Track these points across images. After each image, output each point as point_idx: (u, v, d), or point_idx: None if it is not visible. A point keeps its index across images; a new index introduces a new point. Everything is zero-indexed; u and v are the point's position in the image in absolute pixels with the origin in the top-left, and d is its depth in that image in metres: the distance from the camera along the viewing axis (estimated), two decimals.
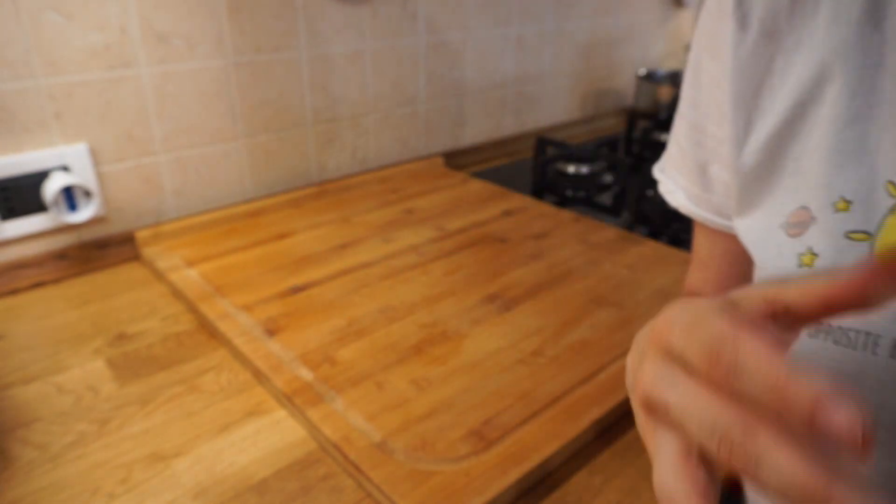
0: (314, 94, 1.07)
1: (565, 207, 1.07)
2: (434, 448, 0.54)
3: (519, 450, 0.54)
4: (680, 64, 1.81)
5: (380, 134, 1.19)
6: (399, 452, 0.54)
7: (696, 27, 0.44)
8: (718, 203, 0.46)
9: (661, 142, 1.45)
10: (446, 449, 0.54)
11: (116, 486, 0.53)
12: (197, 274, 0.82)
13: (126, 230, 0.91)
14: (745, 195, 0.41)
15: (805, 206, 0.37)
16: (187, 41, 0.90)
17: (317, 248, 0.90)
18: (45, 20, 0.78)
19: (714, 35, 0.41)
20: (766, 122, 0.39)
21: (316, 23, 1.03)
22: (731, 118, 0.41)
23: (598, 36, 1.55)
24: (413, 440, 0.55)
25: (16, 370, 0.66)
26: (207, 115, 0.95)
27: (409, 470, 0.52)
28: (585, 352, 0.67)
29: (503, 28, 1.32)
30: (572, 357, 0.67)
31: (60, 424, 0.59)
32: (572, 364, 0.66)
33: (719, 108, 0.42)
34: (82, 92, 0.83)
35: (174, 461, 0.55)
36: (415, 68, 1.20)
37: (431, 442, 0.55)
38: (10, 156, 0.80)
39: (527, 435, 0.56)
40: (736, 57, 0.40)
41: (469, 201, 1.08)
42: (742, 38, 0.39)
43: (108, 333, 0.73)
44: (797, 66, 0.37)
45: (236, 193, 1.03)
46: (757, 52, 0.39)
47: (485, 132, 1.39)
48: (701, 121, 0.45)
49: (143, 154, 0.91)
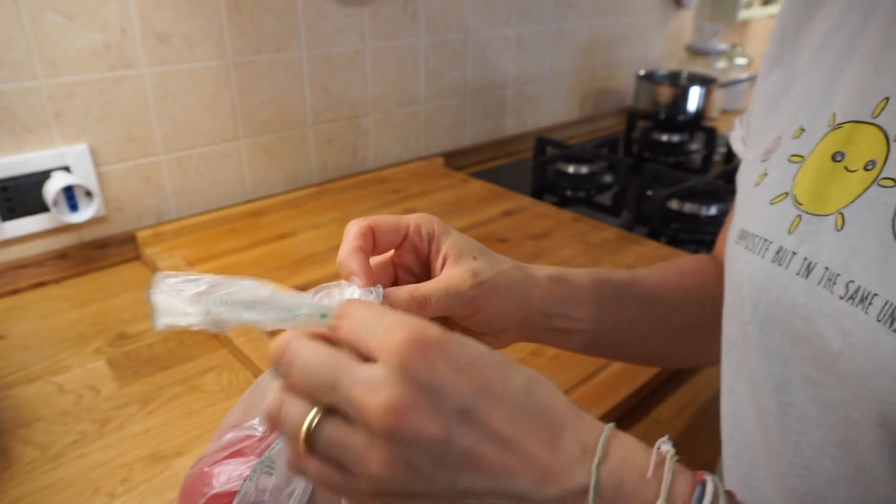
0: (314, 94, 1.07)
1: (565, 207, 1.07)
2: None
3: None
4: (680, 64, 1.81)
5: (380, 134, 1.19)
6: None
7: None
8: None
9: (661, 142, 1.45)
10: None
11: (117, 486, 0.53)
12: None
13: (127, 230, 0.92)
14: (753, 129, 0.46)
15: (779, 136, 0.42)
16: (187, 41, 0.90)
17: (317, 248, 0.90)
18: (46, 20, 0.78)
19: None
20: (795, 57, 0.44)
21: (316, 23, 1.03)
22: (771, 46, 0.46)
23: (598, 36, 1.55)
24: None
25: (17, 370, 0.67)
26: (208, 115, 0.95)
27: None
28: None
29: (503, 28, 1.32)
30: (572, 357, 0.67)
31: (61, 424, 0.59)
32: (572, 364, 0.66)
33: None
34: (83, 92, 0.83)
35: (175, 461, 0.55)
36: (415, 68, 1.20)
37: None
38: (10, 156, 0.80)
39: None
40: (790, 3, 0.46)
41: (469, 201, 1.08)
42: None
43: (108, 333, 0.73)
44: (833, 11, 0.42)
45: (237, 193, 1.03)
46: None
47: (485, 132, 1.39)
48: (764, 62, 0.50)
49: (143, 154, 0.91)
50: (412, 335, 0.27)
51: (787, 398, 0.37)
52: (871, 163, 0.34)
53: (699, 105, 1.44)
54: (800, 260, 0.36)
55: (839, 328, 0.33)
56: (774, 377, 0.37)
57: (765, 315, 0.38)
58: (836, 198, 0.35)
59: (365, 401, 0.26)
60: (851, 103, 0.37)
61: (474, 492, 0.27)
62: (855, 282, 0.32)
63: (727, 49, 1.78)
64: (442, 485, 0.27)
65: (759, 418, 0.39)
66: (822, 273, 0.34)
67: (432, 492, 0.27)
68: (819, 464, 0.36)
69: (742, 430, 0.42)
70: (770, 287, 0.37)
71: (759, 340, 0.38)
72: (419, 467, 0.26)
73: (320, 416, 0.28)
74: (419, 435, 0.26)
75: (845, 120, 0.37)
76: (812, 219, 0.36)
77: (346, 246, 0.36)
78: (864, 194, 0.34)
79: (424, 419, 0.26)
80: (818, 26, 0.43)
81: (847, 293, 0.32)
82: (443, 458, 0.26)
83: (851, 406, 0.33)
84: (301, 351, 0.29)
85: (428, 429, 0.26)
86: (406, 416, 0.26)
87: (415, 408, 0.26)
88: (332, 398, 0.27)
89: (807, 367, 0.36)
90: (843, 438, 0.34)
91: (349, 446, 0.27)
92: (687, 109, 1.44)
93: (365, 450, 0.27)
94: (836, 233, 0.34)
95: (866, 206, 0.33)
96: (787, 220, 0.37)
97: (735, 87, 1.74)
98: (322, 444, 0.28)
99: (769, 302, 0.37)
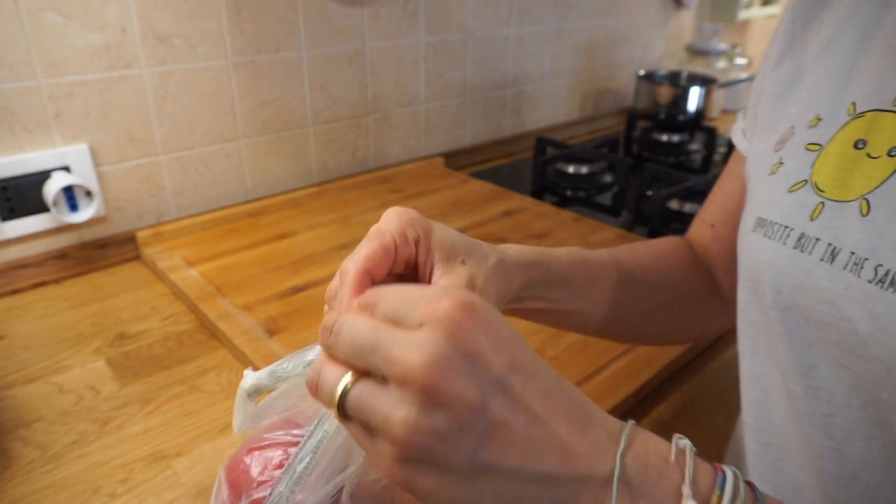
0: (314, 94, 1.07)
1: (565, 207, 1.07)
2: None
3: None
4: (680, 64, 1.81)
5: (380, 134, 1.19)
6: None
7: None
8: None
9: (660, 142, 1.45)
10: None
11: (117, 486, 0.53)
12: (197, 274, 0.82)
13: (127, 230, 0.92)
14: (761, 119, 0.47)
15: (792, 126, 0.43)
16: (187, 41, 0.90)
17: (317, 248, 0.90)
18: (46, 20, 0.78)
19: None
20: (805, 48, 0.45)
21: (316, 23, 1.03)
22: (780, 38, 0.47)
23: (598, 36, 1.55)
24: None
25: (16, 370, 0.67)
26: (208, 115, 0.95)
27: None
28: (585, 352, 0.67)
29: (503, 28, 1.32)
30: (572, 357, 0.67)
31: (61, 424, 0.59)
32: (572, 364, 0.66)
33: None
34: (83, 92, 0.83)
35: (175, 461, 0.55)
36: (415, 68, 1.20)
37: None
38: (10, 156, 0.80)
39: None
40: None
41: (469, 201, 1.08)
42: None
43: (108, 333, 0.73)
44: (845, 3, 0.42)
45: (237, 193, 1.03)
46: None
47: (485, 132, 1.39)
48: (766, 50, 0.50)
49: (143, 154, 0.91)
50: (461, 301, 0.27)
51: (814, 381, 0.38)
52: (894, 149, 0.35)
53: (699, 105, 1.44)
54: (823, 246, 0.36)
55: (867, 311, 0.33)
56: (800, 361, 0.38)
57: (787, 301, 0.39)
58: (859, 184, 0.36)
59: (404, 357, 0.26)
60: (871, 92, 0.38)
61: (496, 468, 0.26)
62: (884, 265, 0.33)
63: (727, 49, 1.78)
64: (464, 455, 0.26)
65: (788, 403, 0.40)
66: (848, 258, 0.35)
67: (452, 463, 0.26)
68: (850, 445, 0.36)
69: (772, 415, 0.42)
70: (793, 273, 0.38)
71: (783, 326, 0.39)
72: (444, 433, 0.26)
73: (354, 378, 0.28)
74: (453, 397, 0.26)
75: (866, 109, 0.37)
76: (835, 205, 0.37)
77: (345, 300, 0.33)
78: (889, 179, 0.34)
79: (461, 382, 0.26)
80: (829, 18, 0.43)
81: (876, 276, 0.33)
82: (471, 425, 0.26)
83: (882, 387, 0.33)
84: (348, 320, 0.29)
85: (463, 392, 0.26)
86: (444, 375, 0.26)
87: (454, 369, 0.26)
88: (372, 359, 0.27)
89: (833, 350, 0.36)
90: (875, 419, 0.35)
91: (377, 405, 0.27)
92: (687, 109, 1.44)
93: (392, 407, 0.26)
94: (861, 218, 0.35)
95: (891, 191, 0.34)
96: (809, 207, 0.38)
97: (735, 87, 1.74)
98: (352, 406, 0.28)
99: (792, 288, 0.38)
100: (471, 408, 0.26)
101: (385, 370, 0.27)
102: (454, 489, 0.27)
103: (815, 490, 0.39)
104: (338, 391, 0.28)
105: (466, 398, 0.26)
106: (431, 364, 0.26)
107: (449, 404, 0.26)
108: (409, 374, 0.26)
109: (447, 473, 0.27)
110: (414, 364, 0.26)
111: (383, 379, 0.27)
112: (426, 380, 0.25)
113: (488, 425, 0.26)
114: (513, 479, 0.27)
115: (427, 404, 0.26)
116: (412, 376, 0.26)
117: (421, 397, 0.26)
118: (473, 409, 0.26)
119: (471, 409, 0.26)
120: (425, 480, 0.27)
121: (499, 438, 0.26)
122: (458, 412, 0.26)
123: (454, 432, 0.26)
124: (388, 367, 0.27)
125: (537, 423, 0.27)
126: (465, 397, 0.26)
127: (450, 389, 0.26)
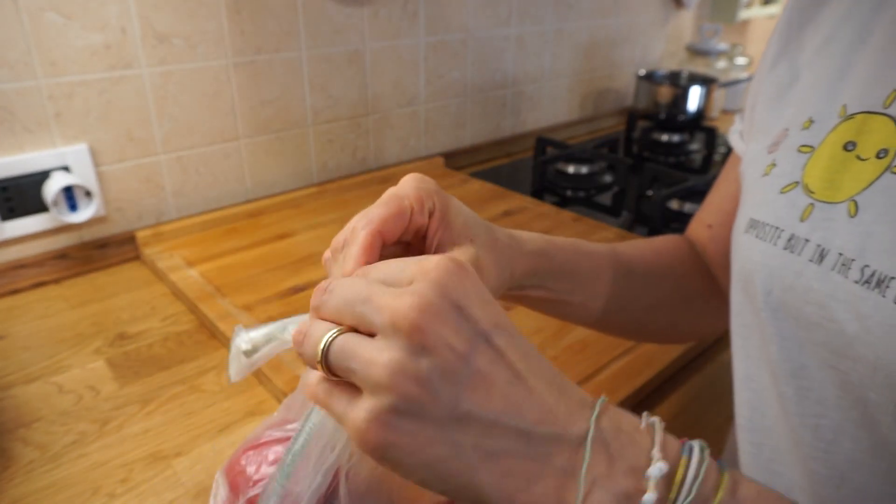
0: (314, 94, 1.07)
1: (565, 207, 1.07)
2: None
3: None
4: (680, 64, 1.81)
5: (380, 134, 1.19)
6: None
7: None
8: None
9: (660, 142, 1.45)
10: None
11: (117, 486, 0.53)
12: (197, 274, 0.82)
13: (126, 230, 0.92)
14: (757, 121, 0.48)
15: (786, 128, 0.43)
16: (187, 41, 0.90)
17: (317, 248, 0.90)
18: (46, 20, 0.78)
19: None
20: (801, 49, 0.45)
21: (316, 23, 1.03)
22: (776, 40, 0.47)
23: (598, 36, 1.55)
24: None
25: (16, 370, 0.67)
26: (208, 115, 0.95)
27: None
28: (585, 352, 0.67)
29: (503, 28, 1.32)
30: (572, 357, 0.67)
31: (61, 424, 0.59)
32: (572, 364, 0.66)
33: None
34: (83, 92, 0.83)
35: (175, 461, 0.55)
36: (415, 68, 1.20)
37: None
38: (10, 156, 0.80)
39: None
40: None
41: (469, 201, 1.08)
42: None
43: (108, 333, 0.73)
44: (841, 5, 0.43)
45: (237, 193, 1.03)
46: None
47: (485, 132, 1.39)
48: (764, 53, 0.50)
49: (143, 154, 0.91)
50: (449, 259, 0.28)
51: (804, 382, 0.38)
52: (883, 151, 0.35)
53: (699, 105, 1.44)
54: (812, 247, 0.37)
55: (854, 312, 0.33)
56: (791, 362, 0.38)
57: (777, 302, 0.39)
58: (848, 185, 0.36)
59: (394, 303, 0.27)
60: (862, 94, 0.38)
61: (475, 417, 0.27)
62: (870, 266, 0.33)
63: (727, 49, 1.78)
64: (445, 403, 0.26)
65: (779, 404, 0.40)
66: (836, 259, 0.35)
67: (432, 412, 0.26)
68: (839, 445, 0.36)
69: (764, 416, 0.42)
70: (783, 274, 0.38)
71: (774, 326, 0.39)
72: (428, 378, 0.26)
73: (339, 331, 0.28)
74: (439, 342, 0.26)
75: (857, 111, 0.38)
76: (824, 206, 0.37)
77: (350, 262, 0.33)
78: (877, 181, 0.34)
79: (449, 329, 0.26)
80: (825, 19, 0.44)
81: (862, 277, 0.33)
82: (455, 373, 0.26)
83: (869, 387, 0.33)
84: (342, 281, 0.30)
85: (451, 339, 0.26)
86: (432, 320, 0.26)
87: (442, 316, 0.26)
88: (361, 309, 0.28)
89: (822, 351, 0.36)
90: (863, 419, 0.35)
91: (361, 351, 0.27)
92: (687, 109, 1.44)
93: (377, 352, 0.26)
94: (849, 219, 0.35)
95: (879, 193, 0.34)
96: (799, 208, 0.38)
97: (735, 87, 1.74)
98: (335, 354, 0.28)
99: (782, 288, 0.38)
100: (456, 355, 0.26)
101: (374, 318, 0.27)
102: (432, 443, 0.27)
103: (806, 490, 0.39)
104: (322, 341, 0.28)
105: (452, 345, 0.26)
106: (421, 308, 0.26)
107: (434, 349, 0.26)
108: (397, 317, 0.26)
109: (426, 425, 0.26)
110: (403, 307, 0.26)
111: (370, 335, 0.28)
112: (415, 321, 0.26)
113: (472, 374, 0.27)
114: (491, 432, 0.27)
115: (413, 347, 0.26)
116: (400, 320, 0.26)
117: (407, 341, 0.26)
118: (458, 357, 0.26)
119: (456, 357, 0.26)
120: (403, 437, 0.26)
121: (481, 389, 0.27)
122: (444, 358, 0.26)
123: (437, 378, 0.26)
124: (378, 315, 0.27)
125: (518, 380, 0.28)
126: (451, 344, 0.26)
127: (437, 334, 0.26)
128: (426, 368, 0.26)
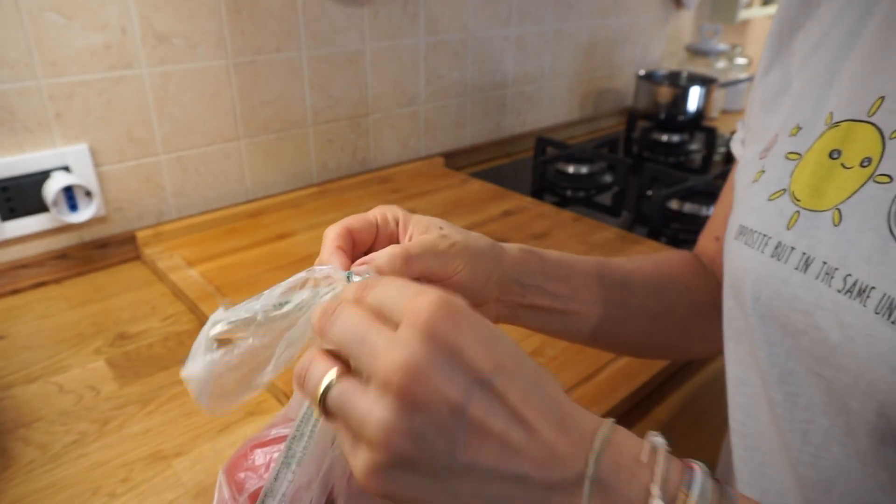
0: (314, 94, 1.07)
1: (565, 207, 1.07)
2: None
3: None
4: (680, 64, 1.81)
5: (380, 134, 1.19)
6: None
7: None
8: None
9: (660, 142, 1.45)
10: None
11: (117, 486, 0.53)
12: (197, 274, 0.82)
13: (127, 230, 0.92)
14: (752, 127, 0.48)
15: (776, 134, 0.43)
16: (187, 41, 0.90)
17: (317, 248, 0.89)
18: (46, 20, 0.78)
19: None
20: (792, 56, 0.45)
21: (316, 23, 1.03)
22: (769, 46, 0.47)
23: (598, 36, 1.55)
24: None
25: (17, 370, 0.67)
26: (208, 115, 0.95)
27: None
28: (585, 352, 0.67)
29: (503, 28, 1.32)
30: (572, 357, 0.67)
31: (61, 424, 0.59)
32: (572, 364, 0.66)
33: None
34: (83, 92, 0.83)
35: (175, 461, 0.55)
36: (415, 68, 1.20)
37: None
38: (10, 156, 0.80)
39: None
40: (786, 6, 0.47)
41: (469, 201, 1.08)
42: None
43: (108, 333, 0.73)
44: (829, 11, 0.43)
45: (237, 193, 1.03)
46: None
47: (485, 132, 1.39)
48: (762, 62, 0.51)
49: (143, 154, 0.91)
50: (440, 299, 0.27)
51: (792, 388, 0.38)
52: (866, 160, 0.35)
53: (699, 105, 1.44)
54: (798, 255, 0.37)
55: (837, 321, 0.33)
56: (779, 368, 0.38)
57: (765, 308, 0.39)
58: (832, 194, 0.36)
59: (382, 357, 0.26)
60: (848, 102, 0.38)
61: (472, 467, 0.27)
62: (853, 275, 0.33)
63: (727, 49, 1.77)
64: (440, 457, 0.26)
65: (769, 409, 0.40)
66: (821, 267, 0.35)
67: (428, 466, 0.26)
68: (827, 450, 0.36)
69: (756, 420, 0.42)
70: (770, 281, 0.38)
71: (762, 332, 0.39)
72: (420, 435, 0.26)
73: (339, 374, 0.28)
74: (433, 398, 0.26)
75: (842, 119, 0.38)
76: (810, 214, 0.37)
77: (327, 247, 0.39)
78: (861, 190, 0.35)
79: (442, 380, 0.26)
80: (815, 26, 0.44)
81: (845, 286, 0.33)
82: (450, 427, 0.26)
83: (851, 396, 0.34)
84: (347, 308, 0.30)
85: (444, 391, 0.26)
86: (421, 377, 0.26)
87: (433, 370, 0.26)
88: (358, 352, 0.28)
89: (807, 358, 0.36)
90: (847, 426, 0.35)
91: (356, 405, 0.27)
92: (687, 109, 1.44)
93: (370, 407, 0.26)
94: (833, 228, 0.35)
95: (862, 202, 0.34)
96: (786, 216, 0.38)
97: (735, 87, 1.74)
98: (332, 403, 0.28)
99: (769, 296, 0.38)
100: (450, 408, 0.26)
101: (368, 366, 0.27)
102: (432, 494, 0.27)
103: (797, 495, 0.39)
104: (321, 386, 0.28)
105: (447, 397, 0.26)
106: (408, 365, 0.26)
107: (427, 405, 0.26)
108: (388, 375, 0.26)
109: (424, 477, 0.27)
110: (392, 364, 0.26)
111: (367, 379, 0.27)
112: (402, 383, 0.26)
113: (467, 426, 0.26)
114: (489, 480, 0.27)
115: (405, 406, 0.26)
116: (392, 377, 0.26)
117: (399, 401, 0.26)
118: (453, 410, 0.26)
119: (450, 410, 0.26)
120: (401, 488, 0.27)
121: (476, 439, 0.26)
122: (437, 413, 0.26)
123: (431, 434, 0.26)
124: (372, 364, 0.27)
125: (517, 423, 0.27)
126: (445, 396, 0.26)
127: (429, 389, 0.26)
128: (419, 425, 0.26)
